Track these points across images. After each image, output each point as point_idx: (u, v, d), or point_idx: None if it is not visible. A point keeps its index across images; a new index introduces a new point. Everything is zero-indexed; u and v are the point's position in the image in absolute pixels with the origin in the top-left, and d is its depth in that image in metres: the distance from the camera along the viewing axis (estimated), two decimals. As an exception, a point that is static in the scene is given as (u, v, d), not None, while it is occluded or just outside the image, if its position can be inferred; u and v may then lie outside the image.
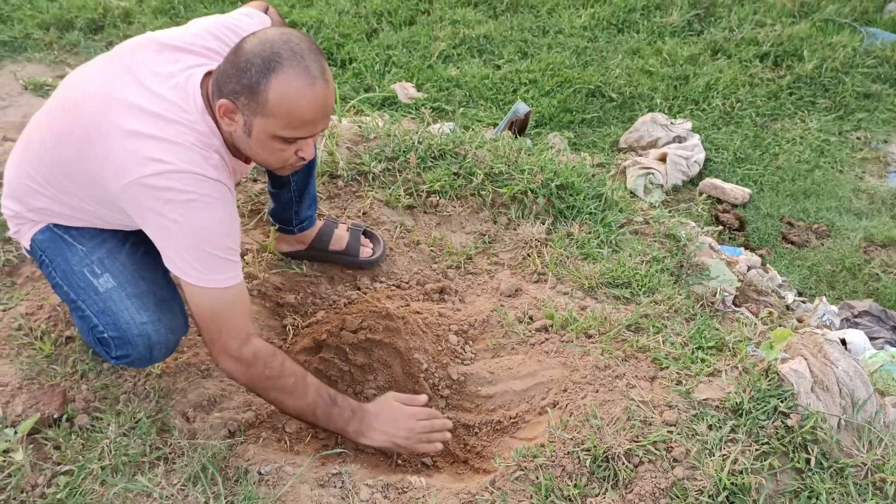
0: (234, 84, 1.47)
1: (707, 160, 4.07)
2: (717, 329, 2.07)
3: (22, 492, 1.58)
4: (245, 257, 2.30)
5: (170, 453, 1.68)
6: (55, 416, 1.73)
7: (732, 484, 1.57)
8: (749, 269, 3.02)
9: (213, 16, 1.76)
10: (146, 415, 1.75)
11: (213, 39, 1.66)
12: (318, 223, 2.30)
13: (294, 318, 2.18)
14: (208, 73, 1.59)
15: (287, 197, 2.16)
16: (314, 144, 1.63)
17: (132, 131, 1.48)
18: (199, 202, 1.49)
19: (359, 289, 2.29)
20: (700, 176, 3.98)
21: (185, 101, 1.53)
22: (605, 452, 1.63)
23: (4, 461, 1.61)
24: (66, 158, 1.58)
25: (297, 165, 1.64)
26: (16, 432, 1.64)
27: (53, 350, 1.91)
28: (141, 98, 1.51)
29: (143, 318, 1.65)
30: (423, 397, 1.88)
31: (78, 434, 1.71)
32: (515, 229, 2.51)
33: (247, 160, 1.72)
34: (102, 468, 1.62)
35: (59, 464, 1.64)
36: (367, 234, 2.39)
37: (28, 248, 1.76)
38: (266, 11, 1.89)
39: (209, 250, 1.53)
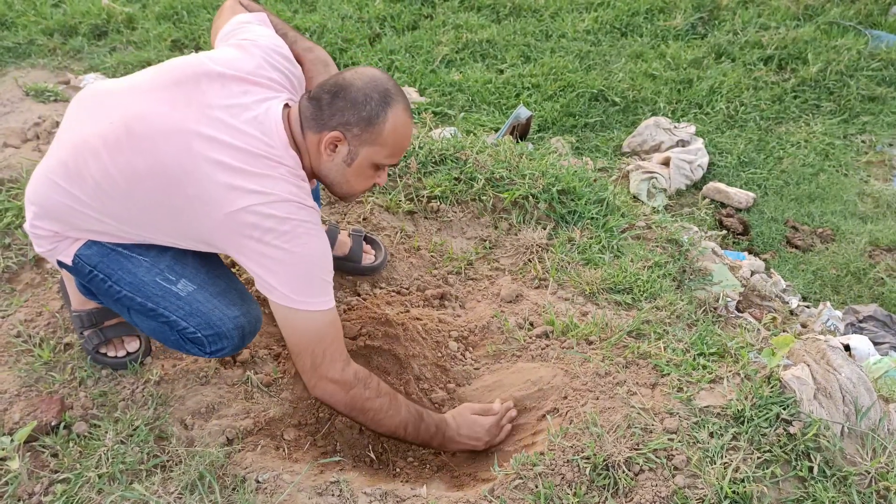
0: (349, 116, 1.57)
1: (711, 164, 4.05)
2: (718, 335, 2.05)
3: (19, 500, 1.58)
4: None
5: (167, 461, 1.67)
6: (53, 424, 1.72)
7: (734, 492, 1.55)
8: (753, 273, 3.00)
9: (243, 35, 1.75)
10: (144, 422, 1.75)
11: (272, 70, 1.69)
12: (322, 229, 2.30)
13: (294, 325, 2.17)
14: (285, 105, 1.63)
15: None
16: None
17: (222, 167, 1.51)
18: (301, 228, 1.55)
19: (358, 295, 2.27)
20: (704, 180, 3.96)
21: (268, 136, 1.57)
22: (605, 460, 1.62)
23: (1, 469, 1.61)
24: (144, 197, 1.56)
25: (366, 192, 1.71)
26: (13, 440, 1.64)
27: (52, 357, 1.91)
28: (222, 133, 1.53)
29: (235, 313, 1.71)
30: (496, 406, 1.91)
31: (75, 441, 1.71)
32: (516, 234, 2.50)
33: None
34: (99, 476, 1.61)
35: (56, 472, 1.64)
36: (368, 239, 2.38)
37: (69, 263, 1.68)
38: (247, 7, 1.90)
39: (313, 274, 1.60)
